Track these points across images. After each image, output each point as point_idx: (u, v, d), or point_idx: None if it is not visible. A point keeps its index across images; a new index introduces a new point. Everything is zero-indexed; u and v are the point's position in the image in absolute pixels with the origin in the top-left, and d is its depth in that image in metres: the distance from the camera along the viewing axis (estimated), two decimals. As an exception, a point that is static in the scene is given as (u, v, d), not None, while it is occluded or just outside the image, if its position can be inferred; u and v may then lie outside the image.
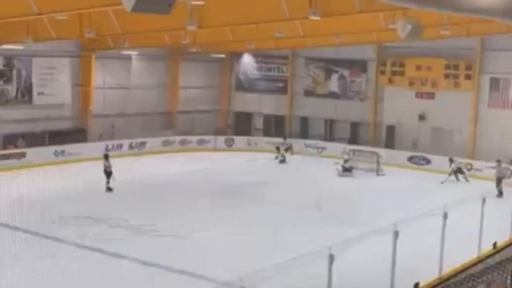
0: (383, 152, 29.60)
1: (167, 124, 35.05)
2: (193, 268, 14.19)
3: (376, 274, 12.91)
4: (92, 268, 14.28)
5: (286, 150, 31.31)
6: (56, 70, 30.27)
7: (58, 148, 28.27)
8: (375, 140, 32.84)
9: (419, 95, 31.90)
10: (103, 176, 22.72)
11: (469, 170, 27.49)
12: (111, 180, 22.57)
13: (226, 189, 23.84)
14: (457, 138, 30.38)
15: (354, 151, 29.88)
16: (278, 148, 30.87)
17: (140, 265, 14.60)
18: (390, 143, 32.24)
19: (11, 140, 27.96)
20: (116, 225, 17.94)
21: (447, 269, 13.27)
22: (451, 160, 26.60)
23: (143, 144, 31.54)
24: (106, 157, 23.51)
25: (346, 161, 28.25)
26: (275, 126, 36.40)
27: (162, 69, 35.14)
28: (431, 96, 31.61)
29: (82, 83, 31.17)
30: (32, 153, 27.29)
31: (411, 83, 32.11)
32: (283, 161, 30.43)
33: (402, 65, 32.37)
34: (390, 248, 11.86)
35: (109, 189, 22.61)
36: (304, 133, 35.43)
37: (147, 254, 15.06)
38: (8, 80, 28.63)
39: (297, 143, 33.62)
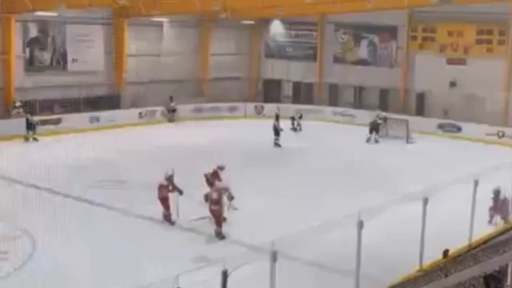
0: (413, 119, 29.30)
1: (198, 91, 35.13)
2: (225, 231, 14.39)
3: (405, 240, 12.94)
4: (125, 230, 14.58)
5: (300, 117, 30.39)
6: (89, 37, 30.44)
7: (93, 114, 28.65)
8: (405, 107, 32.47)
9: (450, 61, 31.26)
10: (137, 142, 22.94)
11: (500, 137, 27.06)
12: None
13: (256, 155, 23.95)
14: (489, 105, 29.84)
15: (384, 118, 29.62)
16: (293, 118, 30.36)
17: (171, 228, 14.88)
18: (420, 111, 31.86)
19: (47, 106, 28.37)
20: (149, 188, 18.18)
21: (477, 236, 13.24)
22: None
23: (174, 111, 31.73)
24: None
25: (377, 125, 28.00)
26: (304, 93, 36.24)
27: (192, 36, 35.06)
28: (462, 62, 30.98)
29: (115, 50, 31.35)
30: (68, 119, 27.70)
31: (442, 49, 31.51)
32: (296, 129, 29.90)
33: (433, 30, 31.75)
34: (419, 215, 11.87)
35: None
36: (333, 101, 35.20)
37: (175, 218, 15.31)
38: (43, 47, 28.92)
39: (326, 111, 33.50)
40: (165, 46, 33.45)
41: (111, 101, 30.48)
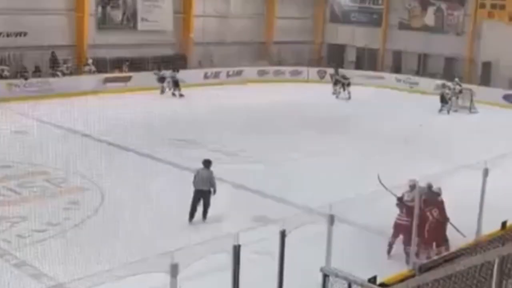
0: (477, 89, 28.45)
1: (262, 54, 35.10)
2: (282, 194, 14.51)
3: (463, 210, 12.75)
4: (189, 188, 14.86)
5: (348, 84, 29.29)
6: (159, -3, 30.72)
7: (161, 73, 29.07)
8: (470, 76, 31.51)
9: (519, 30, 30.14)
10: (202, 103, 23.23)
11: None
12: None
13: (317, 119, 23.88)
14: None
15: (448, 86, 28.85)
16: (339, 82, 29.64)
17: (234, 188, 15.12)
18: (485, 80, 30.87)
19: (117, 64, 28.97)
20: (215, 149, 18.50)
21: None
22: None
23: (239, 72, 31.85)
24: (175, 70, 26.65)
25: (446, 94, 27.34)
26: (367, 60, 35.66)
27: (259, -1, 34.90)
28: (531, 32, 29.80)
29: (183, 11, 31.55)
30: (137, 77, 28.24)
31: (511, 18, 30.29)
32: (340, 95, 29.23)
33: (502, -2, 30.57)
34: (479, 185, 11.66)
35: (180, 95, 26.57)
36: (396, 67, 34.53)
37: (240, 178, 15.51)
38: (115, 6, 29.37)
39: (389, 78, 32.92)
40: (232, 8, 33.41)
41: (178, 61, 30.84)
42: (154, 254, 6.38)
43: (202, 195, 12.77)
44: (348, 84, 29.22)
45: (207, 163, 13.15)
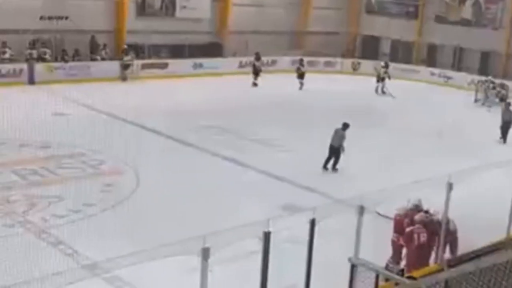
0: (513, 85, 27.89)
1: (296, 43, 34.94)
2: (312, 184, 14.50)
3: (495, 207, 12.56)
4: (221, 174, 15.01)
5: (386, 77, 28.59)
6: (198, -16, 30.75)
7: (197, 61, 29.20)
8: (506, 72, 30.88)
9: (559, 25, 29.41)
10: (237, 91, 23.28)
11: None
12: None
13: (350, 111, 23.68)
14: None
15: (483, 81, 28.32)
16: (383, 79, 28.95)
17: (265, 175, 15.16)
18: (521, 76, 30.30)
19: (155, 50, 29.17)
20: (246, 137, 18.57)
21: None
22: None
23: (273, 62, 31.79)
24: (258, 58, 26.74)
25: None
26: (402, 52, 35.21)
27: (295, -12, 34.69)
28: None
29: (220, -1, 31.59)
30: (174, 64, 28.41)
31: (550, 13, 29.64)
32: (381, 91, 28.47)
33: (543, -8, 29.84)
34: (511, 183, 11.48)
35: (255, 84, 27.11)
36: (430, 61, 34.02)
37: (271, 167, 15.56)
38: (155, -8, 29.57)
39: (423, 71, 32.47)
40: (268, -3, 33.31)
41: (214, 49, 30.92)
42: (186, 238, 6.44)
43: (334, 150, 15.72)
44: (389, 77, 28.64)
45: (344, 126, 16.05)
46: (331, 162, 15.88)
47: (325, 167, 15.84)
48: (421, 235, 9.52)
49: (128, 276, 8.81)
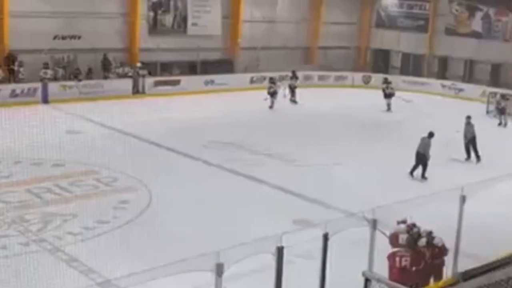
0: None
1: (307, 58, 35.02)
2: (326, 198, 14.43)
3: (509, 215, 12.47)
4: (233, 189, 15.02)
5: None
6: (208, 2, 30.96)
7: (208, 77, 29.33)
8: (518, 83, 30.74)
9: None
10: (248, 106, 23.27)
11: None
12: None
13: (361, 124, 23.68)
14: None
15: (494, 93, 28.13)
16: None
17: (277, 190, 15.14)
18: (532, 88, 30.06)
19: (167, 67, 29.35)
20: (259, 152, 18.59)
21: None
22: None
23: (284, 77, 31.80)
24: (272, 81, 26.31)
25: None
26: (412, 65, 35.17)
27: (305, 4, 34.78)
28: None
29: (231, 16, 31.76)
30: (185, 80, 28.55)
31: (561, 25, 29.50)
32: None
33: (553, 5, 29.74)
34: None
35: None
36: (441, 73, 33.94)
37: (283, 181, 15.54)
38: (166, 11, 29.79)
39: (434, 84, 32.40)
40: (279, 13, 33.44)
41: (225, 65, 31.05)
42: (199, 254, 6.43)
43: (420, 157, 16.41)
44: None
45: (430, 134, 16.76)
46: (419, 170, 16.60)
47: (411, 173, 16.58)
48: (403, 258, 9.08)
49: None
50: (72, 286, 9.18)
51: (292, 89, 27.78)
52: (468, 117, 19.49)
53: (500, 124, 25.35)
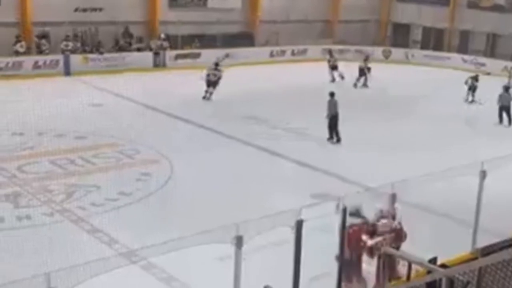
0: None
1: (327, 32, 34.63)
2: (342, 172, 14.39)
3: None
4: (253, 163, 15.06)
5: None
6: (229, -26, 30.67)
7: (228, 51, 29.15)
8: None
9: None
10: (267, 81, 23.14)
11: None
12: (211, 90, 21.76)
13: (379, 100, 23.47)
14: None
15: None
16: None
17: (295, 165, 15.13)
18: (556, 63, 29.51)
19: (188, 41, 29.23)
20: (278, 126, 18.58)
21: None
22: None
23: (304, 51, 31.58)
24: (216, 65, 22.52)
25: None
26: (433, 39, 34.62)
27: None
28: None
29: (251, -12, 31.47)
30: (206, 54, 28.39)
31: None
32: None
33: None
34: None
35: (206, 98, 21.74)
36: (463, 48, 33.37)
37: (302, 156, 15.54)
38: (187, -17, 29.60)
39: (455, 58, 31.92)
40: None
41: (245, 39, 30.84)
42: (219, 226, 6.48)
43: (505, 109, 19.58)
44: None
45: (506, 88, 19.98)
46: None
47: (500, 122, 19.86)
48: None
49: (163, 263, 8.91)
50: (95, 256, 9.32)
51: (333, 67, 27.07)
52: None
53: None
